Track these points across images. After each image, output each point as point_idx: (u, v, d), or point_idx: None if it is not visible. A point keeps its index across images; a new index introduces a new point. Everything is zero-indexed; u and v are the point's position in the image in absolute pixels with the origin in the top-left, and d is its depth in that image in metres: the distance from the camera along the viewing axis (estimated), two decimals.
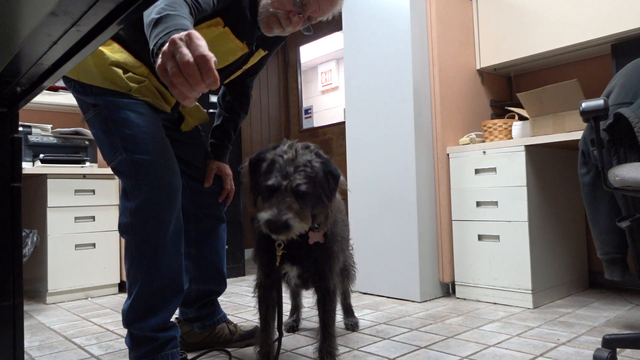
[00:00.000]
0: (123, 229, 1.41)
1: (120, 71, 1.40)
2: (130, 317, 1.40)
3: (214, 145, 1.76)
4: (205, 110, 1.77)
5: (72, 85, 1.44)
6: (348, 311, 2.00)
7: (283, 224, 1.17)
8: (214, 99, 3.32)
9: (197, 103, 1.76)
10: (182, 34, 0.95)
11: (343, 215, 1.58)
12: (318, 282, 1.41)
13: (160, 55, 0.96)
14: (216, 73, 0.93)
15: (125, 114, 1.38)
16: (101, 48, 1.38)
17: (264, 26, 1.49)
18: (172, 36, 0.95)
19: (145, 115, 1.40)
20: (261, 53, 1.67)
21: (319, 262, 1.37)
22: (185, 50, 0.92)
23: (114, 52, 1.40)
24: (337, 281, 1.43)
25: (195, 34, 0.95)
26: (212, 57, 0.93)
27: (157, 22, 1.07)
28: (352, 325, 1.96)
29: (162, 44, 0.99)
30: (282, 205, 1.20)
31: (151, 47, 1.05)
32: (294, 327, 1.95)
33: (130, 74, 1.42)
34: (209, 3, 1.30)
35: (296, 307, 2.00)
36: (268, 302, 1.42)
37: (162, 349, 1.40)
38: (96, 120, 1.43)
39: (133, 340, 1.41)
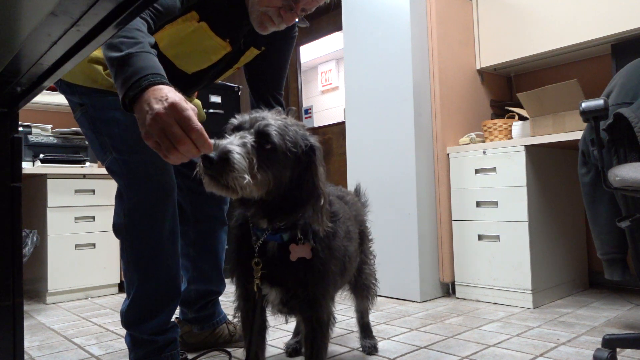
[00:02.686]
0: (117, 229, 1.40)
1: (100, 68, 1.36)
2: (128, 319, 1.39)
3: None
4: (204, 110, 1.76)
5: (59, 84, 1.42)
6: (366, 331, 1.69)
7: (221, 153, 0.86)
8: (214, 99, 3.32)
9: (197, 101, 1.75)
10: (165, 105, 0.87)
11: (352, 225, 1.26)
12: (307, 311, 1.10)
13: (145, 127, 0.89)
14: (210, 142, 0.87)
15: (112, 112, 1.35)
16: None
17: (257, 26, 1.42)
18: (156, 110, 0.87)
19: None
20: (254, 51, 1.58)
21: (309, 284, 1.06)
22: (178, 131, 0.86)
23: None
24: (331, 310, 1.14)
25: (179, 103, 0.88)
26: (201, 126, 0.87)
27: (121, 63, 0.96)
28: (369, 347, 1.65)
29: (135, 98, 0.92)
30: (234, 140, 0.90)
31: (120, 96, 0.96)
32: (297, 350, 1.63)
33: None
34: (173, 6, 1.21)
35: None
36: (253, 324, 1.12)
37: (162, 351, 1.39)
38: (84, 119, 1.41)
39: (133, 341, 1.40)
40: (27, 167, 2.77)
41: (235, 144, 0.89)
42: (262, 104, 1.63)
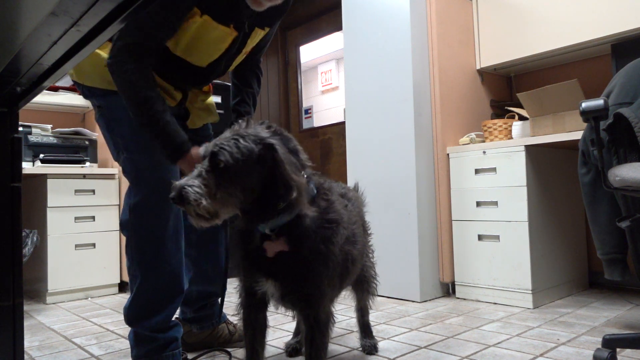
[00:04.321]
0: (123, 225, 1.43)
1: None
2: (131, 315, 1.40)
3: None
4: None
5: (82, 89, 1.47)
6: (366, 331, 1.69)
7: (177, 192, 0.96)
8: (214, 99, 3.31)
9: (211, 100, 1.76)
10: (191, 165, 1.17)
11: (357, 228, 1.27)
12: (305, 310, 1.12)
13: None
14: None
15: (125, 113, 1.37)
16: (97, 50, 1.38)
17: (252, 2, 1.39)
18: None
19: None
20: (259, 32, 1.56)
21: (303, 280, 1.07)
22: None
23: None
24: (330, 309, 1.15)
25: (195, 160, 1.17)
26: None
27: (155, 138, 1.30)
28: (369, 347, 1.65)
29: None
30: (192, 175, 0.99)
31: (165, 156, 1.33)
32: (297, 350, 1.62)
33: None
34: (177, 20, 1.30)
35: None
36: (255, 325, 1.16)
37: (164, 350, 1.40)
38: (101, 120, 1.46)
39: (136, 338, 1.42)
40: (27, 167, 2.77)
41: (189, 177, 0.98)
42: (246, 73, 1.75)
